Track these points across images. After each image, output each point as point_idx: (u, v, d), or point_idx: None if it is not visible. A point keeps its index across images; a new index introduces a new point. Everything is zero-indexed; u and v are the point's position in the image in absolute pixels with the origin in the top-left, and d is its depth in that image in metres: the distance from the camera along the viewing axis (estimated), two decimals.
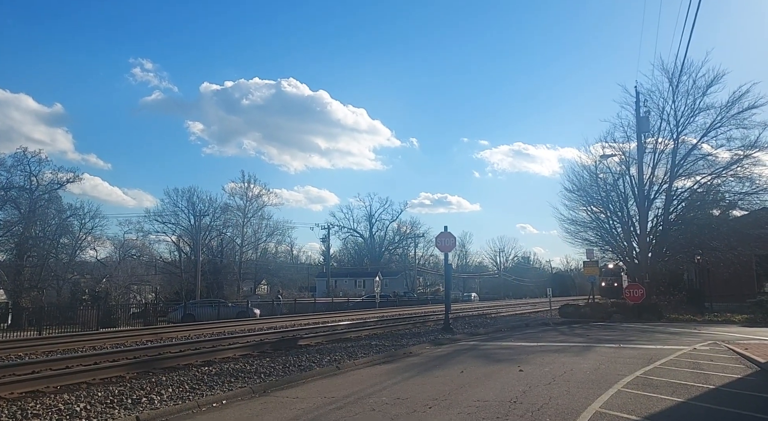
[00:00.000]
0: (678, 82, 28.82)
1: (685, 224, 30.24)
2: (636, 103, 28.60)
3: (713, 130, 28.73)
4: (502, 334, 18.20)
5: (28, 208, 42.97)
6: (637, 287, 25.81)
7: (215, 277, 57.50)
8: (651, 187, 29.84)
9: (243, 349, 13.44)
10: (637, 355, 12.20)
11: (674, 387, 8.41)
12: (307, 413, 7.05)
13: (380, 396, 8.01)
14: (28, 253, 43.64)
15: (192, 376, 9.48)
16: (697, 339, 15.94)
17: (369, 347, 13.61)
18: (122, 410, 7.17)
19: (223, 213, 62.58)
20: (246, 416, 7.03)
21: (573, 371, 10.05)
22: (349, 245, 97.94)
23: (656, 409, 7.03)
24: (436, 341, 15.37)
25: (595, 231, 33.94)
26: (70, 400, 7.59)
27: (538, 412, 6.83)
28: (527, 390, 8.20)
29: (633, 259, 31.19)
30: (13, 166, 43.70)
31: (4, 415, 6.80)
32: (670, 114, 29.45)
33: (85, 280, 48.05)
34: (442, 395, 7.93)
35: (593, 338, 16.51)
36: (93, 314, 28.05)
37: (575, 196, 33.53)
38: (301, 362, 11.09)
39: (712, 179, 29.74)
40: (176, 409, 7.26)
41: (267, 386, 8.76)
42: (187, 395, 8.06)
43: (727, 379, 9.25)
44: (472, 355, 12.79)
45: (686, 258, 31.19)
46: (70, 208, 49.12)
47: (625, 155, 30.91)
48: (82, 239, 49.62)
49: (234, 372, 9.87)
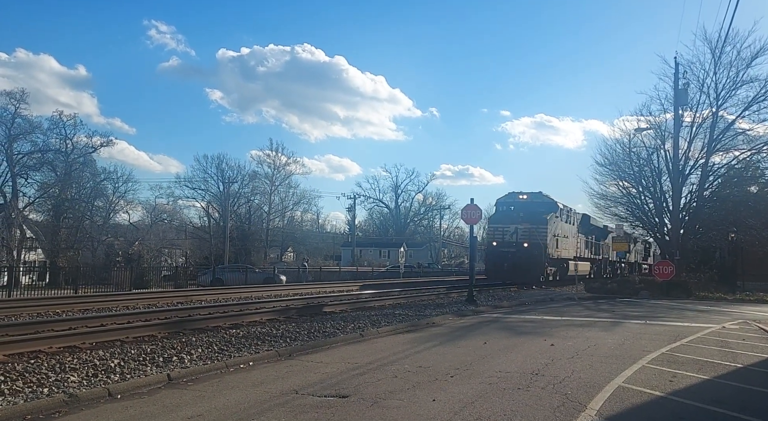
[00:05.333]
0: (721, 53, 27.59)
1: (721, 201, 29.38)
2: (675, 74, 27.53)
3: (756, 104, 27.58)
4: (525, 307, 18.19)
5: (64, 171, 44.20)
6: (666, 263, 25.36)
7: (243, 243, 58.62)
8: (686, 162, 28.99)
9: (269, 314, 13.74)
10: (664, 331, 12.07)
11: (700, 365, 8.32)
12: (331, 377, 7.21)
13: (402, 364, 8.13)
14: (65, 214, 45.11)
15: (220, 338, 9.75)
16: (727, 318, 15.67)
17: (392, 316, 13.77)
18: (154, 367, 7.45)
19: (251, 181, 63.44)
20: (272, 377, 7.22)
21: (597, 345, 10.01)
22: (374, 216, 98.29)
23: (681, 386, 6.98)
24: (459, 312, 15.46)
25: (626, 206, 33.31)
26: (104, 356, 7.91)
27: (560, 384, 6.84)
28: (549, 363, 8.22)
29: (664, 235, 30.57)
30: (49, 129, 44.90)
31: (44, 367, 7.13)
32: (711, 87, 28.33)
33: (118, 242, 49.58)
34: (464, 365, 8.00)
35: (619, 314, 16.38)
36: (126, 276, 28.97)
37: (606, 170, 32.86)
38: (325, 328, 11.30)
39: (751, 155, 28.74)
40: (205, 368, 7.50)
41: (292, 350, 8.97)
42: (215, 355, 8.32)
43: (756, 358, 9.10)
44: (495, 327, 12.84)
45: (719, 235, 30.42)
46: (103, 172, 50.45)
47: (660, 129, 30.00)
48: (115, 203, 51.05)
49: (260, 336, 10.12)
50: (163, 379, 6.90)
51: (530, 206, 30.34)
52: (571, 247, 34.63)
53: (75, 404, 5.81)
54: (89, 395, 6.06)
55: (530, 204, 30.57)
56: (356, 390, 6.48)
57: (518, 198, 31.29)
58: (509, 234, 29.92)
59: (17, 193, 42.76)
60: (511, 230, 29.95)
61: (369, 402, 5.99)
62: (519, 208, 30.45)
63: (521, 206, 30.60)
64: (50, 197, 44.66)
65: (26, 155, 42.90)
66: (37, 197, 44.91)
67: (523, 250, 28.98)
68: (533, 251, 28.77)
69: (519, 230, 29.62)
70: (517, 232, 29.65)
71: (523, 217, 29.74)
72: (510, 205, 31.35)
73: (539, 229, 29.26)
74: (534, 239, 28.87)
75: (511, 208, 31.18)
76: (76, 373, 6.92)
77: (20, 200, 43.00)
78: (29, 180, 44.20)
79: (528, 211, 29.96)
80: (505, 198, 32.18)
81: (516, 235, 29.65)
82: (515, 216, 30.23)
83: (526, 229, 29.49)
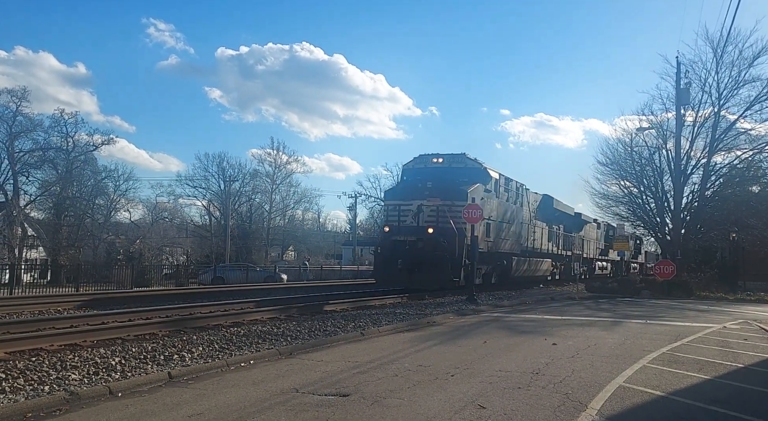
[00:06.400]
0: (723, 52, 27.56)
1: (722, 201, 29.35)
2: (677, 74, 27.48)
3: (758, 104, 27.55)
4: (526, 307, 18.18)
5: (65, 169, 44.22)
6: (667, 263, 25.33)
7: (244, 242, 58.63)
8: (688, 161, 28.98)
9: (270, 312, 13.74)
10: (665, 331, 12.06)
11: (701, 364, 8.31)
12: (332, 376, 7.21)
13: (403, 363, 8.13)
14: (66, 212, 45.14)
15: (221, 336, 9.76)
16: (728, 317, 15.65)
17: (393, 315, 13.77)
18: (155, 365, 7.45)
19: (252, 179, 63.40)
20: (272, 376, 7.23)
21: (598, 345, 10.01)
22: (375, 214, 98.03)
23: (681, 385, 6.98)
24: (460, 311, 15.45)
25: (627, 206, 33.30)
26: (105, 354, 7.92)
27: (561, 384, 6.84)
28: (550, 362, 8.22)
29: (665, 235, 30.55)
30: (50, 127, 44.90)
31: (45, 365, 7.14)
32: (712, 86, 28.30)
33: (119, 240, 49.62)
34: (465, 364, 8.00)
35: (620, 314, 16.37)
36: (127, 274, 29.00)
37: (608, 169, 32.83)
38: (326, 326, 11.30)
39: (753, 155, 28.71)
40: (206, 367, 7.51)
41: (293, 349, 8.98)
42: (216, 354, 8.32)
43: (757, 358, 9.10)
44: (496, 326, 12.84)
45: (721, 235, 30.42)
46: (104, 170, 50.46)
47: (662, 128, 29.96)
48: (116, 201, 51.02)
49: (261, 334, 10.12)
50: (164, 377, 6.91)
51: (446, 174, 21.07)
52: (519, 236, 25.75)
53: (76, 402, 5.82)
54: (90, 393, 6.07)
55: (447, 171, 21.30)
56: (357, 389, 6.49)
57: (431, 162, 21.84)
58: (410, 215, 20.27)
59: (18, 191, 42.79)
60: (413, 209, 20.09)
61: (370, 401, 6.00)
62: (429, 176, 21.01)
63: (433, 174, 21.10)
64: (51, 195, 44.68)
65: (27, 153, 42.92)
66: (38, 195, 44.94)
67: (427, 239, 19.56)
68: (442, 239, 19.40)
69: (423, 208, 19.98)
70: (421, 212, 19.96)
71: (432, 189, 20.29)
72: (418, 173, 21.79)
73: (455, 207, 19.75)
74: (444, 222, 19.70)
75: (417, 177, 21.52)
76: (77, 371, 6.93)
77: (21, 198, 43.03)
78: (30, 178, 44.25)
79: (442, 181, 20.69)
80: (413, 163, 22.60)
81: (419, 216, 19.98)
82: (421, 189, 20.55)
83: (434, 207, 20.01)
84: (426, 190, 20.39)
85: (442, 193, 20.16)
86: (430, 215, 20.05)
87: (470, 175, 21.38)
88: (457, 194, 20.09)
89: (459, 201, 19.83)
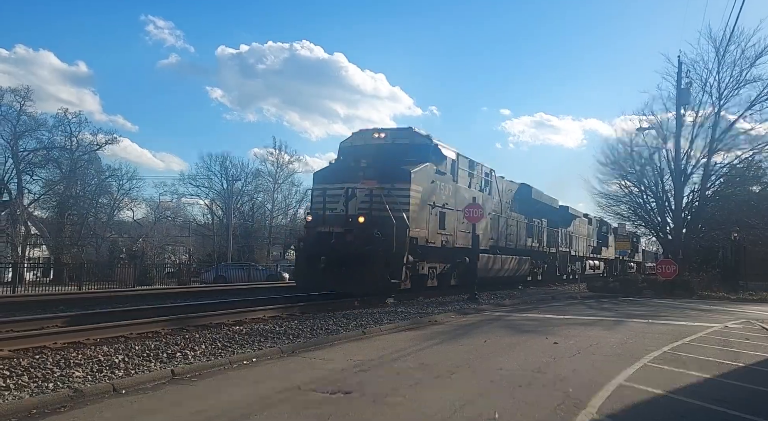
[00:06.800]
0: (725, 51, 27.51)
1: (723, 200, 29.31)
2: (678, 73, 27.48)
3: (758, 104, 27.50)
4: (527, 306, 18.20)
5: (69, 168, 44.35)
6: (669, 263, 25.33)
7: (246, 240, 58.67)
8: (688, 161, 28.92)
9: (272, 311, 13.78)
10: (666, 331, 12.08)
11: (702, 363, 8.34)
12: (334, 374, 7.25)
13: (405, 361, 8.17)
14: (69, 211, 45.27)
15: (224, 334, 9.80)
16: (730, 317, 15.66)
17: (394, 314, 13.80)
18: (158, 363, 7.50)
19: (254, 178, 63.44)
20: (275, 374, 7.27)
21: (599, 344, 10.03)
22: None
23: (682, 384, 7.00)
24: (462, 310, 15.48)
25: (628, 205, 33.27)
26: (109, 352, 7.96)
27: (561, 383, 6.87)
28: (551, 361, 8.24)
29: (666, 234, 30.53)
30: (54, 126, 45.03)
31: (49, 362, 7.19)
32: (713, 86, 28.23)
33: (122, 239, 49.79)
34: (466, 363, 8.04)
35: (622, 313, 16.38)
36: (130, 272, 29.10)
37: (608, 169, 32.74)
38: (328, 325, 11.34)
39: (753, 155, 28.69)
40: (209, 365, 7.55)
41: (295, 347, 9.01)
42: (219, 352, 8.36)
43: (759, 357, 9.11)
44: (498, 325, 12.87)
45: (722, 235, 30.35)
46: (108, 169, 50.63)
47: (662, 128, 29.91)
48: (119, 200, 51.18)
49: (264, 332, 10.16)
50: (167, 375, 6.95)
51: (389, 152, 17.14)
52: (488, 230, 21.66)
53: (80, 399, 5.86)
54: (94, 390, 6.12)
55: (390, 149, 17.30)
56: (359, 387, 6.52)
57: (372, 138, 17.94)
58: (340, 201, 16.26)
59: (22, 190, 42.94)
60: (342, 194, 16.15)
61: (371, 399, 6.03)
62: (368, 154, 17.08)
63: (373, 153, 17.23)
64: (55, 194, 44.81)
65: (31, 152, 43.03)
66: (42, 194, 45.08)
67: (357, 230, 15.57)
68: (375, 231, 15.31)
69: (357, 193, 15.98)
70: (354, 197, 15.97)
71: (367, 170, 16.29)
72: (355, 151, 17.73)
73: (395, 191, 15.98)
74: (380, 209, 15.61)
75: (353, 156, 17.44)
76: (80, 368, 6.98)
77: (25, 197, 43.19)
78: (34, 177, 44.39)
79: (381, 160, 16.73)
80: (351, 139, 18.77)
81: (349, 203, 15.96)
82: (354, 169, 16.55)
83: (367, 191, 15.98)
84: (360, 171, 16.35)
85: (380, 175, 16.16)
86: (363, 201, 15.99)
87: (419, 154, 17.39)
88: (398, 175, 16.27)
89: (400, 183, 16.16)
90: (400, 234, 15.61)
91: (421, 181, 16.81)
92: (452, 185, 19.00)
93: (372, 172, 16.26)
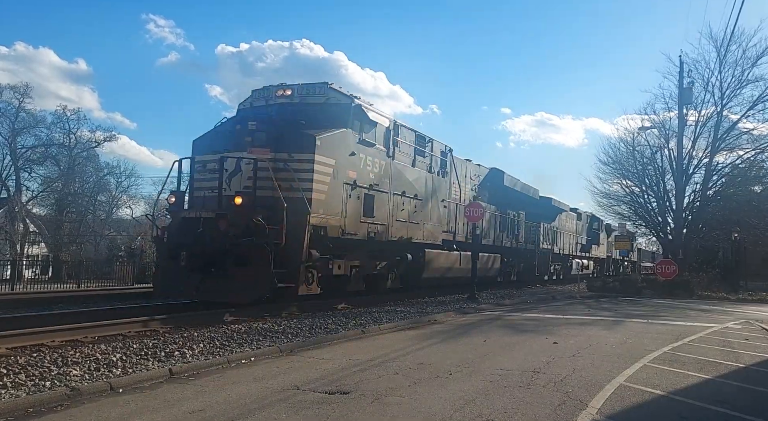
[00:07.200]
0: (726, 51, 27.51)
1: (724, 200, 29.32)
2: (680, 73, 27.47)
3: (761, 103, 27.52)
4: (527, 305, 18.18)
5: (67, 165, 44.29)
6: (669, 263, 25.32)
7: None
8: (690, 161, 28.93)
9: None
10: (666, 331, 12.05)
11: (702, 364, 8.31)
12: (332, 373, 7.22)
13: (404, 361, 8.13)
14: (68, 209, 45.23)
15: (222, 333, 9.76)
16: (730, 317, 15.64)
17: (394, 313, 13.76)
18: (156, 362, 7.45)
19: None
20: (273, 373, 7.23)
21: (599, 344, 10.01)
22: None
23: (682, 385, 6.97)
24: (461, 309, 15.45)
25: (629, 205, 33.32)
26: (107, 350, 7.92)
27: (561, 383, 6.84)
28: (551, 361, 8.21)
29: (667, 234, 30.52)
30: (53, 123, 44.98)
31: (46, 361, 7.14)
32: (715, 85, 28.24)
33: (121, 237, 49.72)
34: (465, 363, 8.00)
35: (621, 313, 16.36)
36: (128, 270, 29.01)
37: (610, 169, 32.80)
38: (327, 324, 11.31)
39: (755, 155, 28.70)
40: (207, 363, 7.51)
41: (294, 346, 8.98)
42: (217, 350, 8.32)
43: (759, 358, 9.09)
44: (497, 325, 12.84)
45: (723, 235, 30.39)
46: (107, 167, 50.57)
47: (664, 128, 29.95)
48: (118, 197, 51.15)
49: (262, 331, 10.13)
50: (164, 373, 6.91)
51: (294, 114, 13.23)
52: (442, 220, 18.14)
53: (77, 398, 5.82)
54: (91, 389, 6.08)
55: (296, 111, 13.37)
56: (357, 386, 6.49)
57: (275, 96, 13.89)
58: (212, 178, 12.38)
59: (21, 187, 42.91)
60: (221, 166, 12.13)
61: (370, 398, 6.00)
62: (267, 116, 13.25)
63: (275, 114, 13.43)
64: (53, 191, 44.76)
65: (30, 149, 43.02)
66: (40, 191, 45.04)
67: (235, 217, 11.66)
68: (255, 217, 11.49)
69: (243, 166, 12.05)
70: (240, 173, 12.05)
71: (258, 135, 12.13)
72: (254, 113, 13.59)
73: (294, 164, 12.11)
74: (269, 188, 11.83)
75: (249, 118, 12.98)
76: (78, 367, 6.93)
77: (23, 194, 43.15)
78: (33, 174, 44.37)
79: (279, 123, 12.87)
80: (251, 99, 14.53)
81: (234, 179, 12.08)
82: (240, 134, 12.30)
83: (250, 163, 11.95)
84: (248, 136, 11.94)
85: (274, 141, 11.91)
86: (248, 177, 11.73)
87: (335, 117, 13.07)
88: (298, 142, 12.11)
89: (301, 153, 11.99)
90: (296, 223, 11.51)
91: (334, 151, 12.52)
92: (386, 161, 14.77)
93: (263, 137, 11.91)
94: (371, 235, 14.32)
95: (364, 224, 13.99)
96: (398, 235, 15.57)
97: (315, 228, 12.29)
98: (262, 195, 11.84)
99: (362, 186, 13.83)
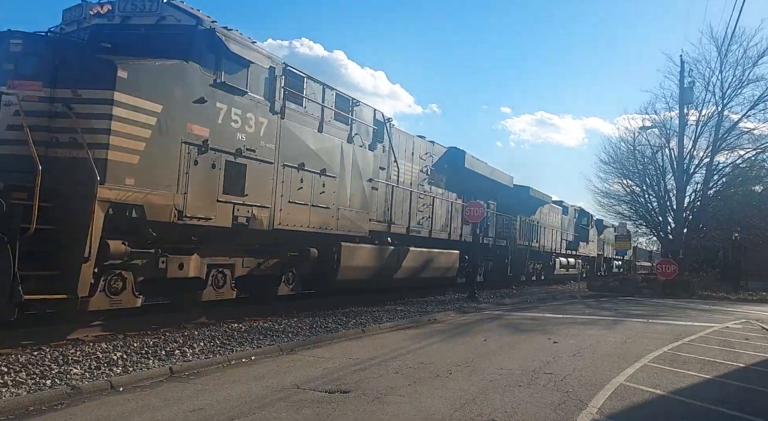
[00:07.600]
0: (727, 51, 27.58)
1: (725, 200, 29.35)
2: (680, 73, 27.48)
3: (761, 103, 27.55)
4: (527, 305, 18.19)
5: None
6: (669, 262, 25.32)
7: None
8: (691, 161, 28.96)
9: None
10: (666, 330, 12.06)
11: (702, 364, 8.31)
12: (332, 372, 7.23)
13: (404, 360, 8.14)
14: None
15: (222, 332, 9.77)
16: (730, 317, 15.65)
17: (394, 312, 13.77)
18: (156, 360, 7.46)
19: None
20: (273, 372, 7.24)
21: (599, 343, 10.01)
22: None
23: (682, 384, 6.98)
24: (461, 309, 15.45)
25: (630, 205, 33.37)
26: (107, 349, 7.93)
27: (561, 382, 6.85)
28: (551, 361, 8.22)
29: (667, 234, 30.53)
30: None
31: (47, 359, 7.15)
32: (716, 85, 28.31)
33: None
34: (465, 362, 8.01)
35: (621, 312, 16.37)
36: None
37: (610, 168, 32.86)
38: (327, 323, 11.31)
39: (756, 154, 28.73)
40: (207, 362, 7.52)
41: (294, 345, 8.98)
42: (217, 349, 8.33)
43: (759, 358, 9.10)
44: (497, 324, 12.84)
45: (723, 235, 30.39)
46: None
47: (665, 127, 29.97)
48: None
49: (263, 330, 10.13)
50: (165, 372, 6.92)
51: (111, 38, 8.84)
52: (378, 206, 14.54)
53: (78, 396, 5.83)
54: (92, 388, 6.08)
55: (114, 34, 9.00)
56: (357, 385, 6.49)
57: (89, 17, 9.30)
58: None
59: None
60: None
61: (370, 397, 6.01)
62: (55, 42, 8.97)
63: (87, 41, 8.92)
64: None
65: None
66: None
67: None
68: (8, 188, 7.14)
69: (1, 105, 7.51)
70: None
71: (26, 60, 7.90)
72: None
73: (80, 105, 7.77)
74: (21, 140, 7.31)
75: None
76: (78, 365, 6.94)
77: None
78: None
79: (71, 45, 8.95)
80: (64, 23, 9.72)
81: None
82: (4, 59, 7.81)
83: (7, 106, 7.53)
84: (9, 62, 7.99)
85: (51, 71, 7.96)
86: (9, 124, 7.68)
87: (172, 45, 9.06)
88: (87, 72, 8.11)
89: (89, 89, 7.93)
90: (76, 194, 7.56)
91: (158, 92, 8.48)
92: (269, 119, 10.53)
93: (34, 64, 8.02)
94: (240, 221, 10.08)
95: (225, 205, 9.73)
96: (292, 222, 11.29)
97: (118, 207, 8.11)
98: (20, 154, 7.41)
99: (222, 149, 9.53)
